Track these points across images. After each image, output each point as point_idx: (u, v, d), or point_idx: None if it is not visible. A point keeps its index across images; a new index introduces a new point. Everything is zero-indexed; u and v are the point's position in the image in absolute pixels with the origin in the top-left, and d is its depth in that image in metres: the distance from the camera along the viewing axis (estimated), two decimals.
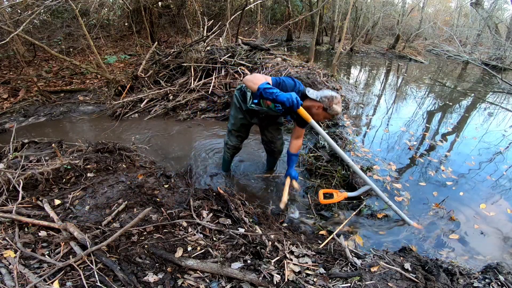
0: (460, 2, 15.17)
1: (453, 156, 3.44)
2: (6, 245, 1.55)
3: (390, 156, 3.37)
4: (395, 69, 9.22)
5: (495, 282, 1.62)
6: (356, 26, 12.52)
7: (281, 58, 5.27)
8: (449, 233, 2.23)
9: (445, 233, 2.23)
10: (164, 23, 9.57)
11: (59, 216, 1.83)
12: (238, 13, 6.81)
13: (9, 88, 4.93)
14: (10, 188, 2.04)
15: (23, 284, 1.31)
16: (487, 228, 2.31)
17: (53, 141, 2.97)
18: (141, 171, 2.53)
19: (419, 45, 12.39)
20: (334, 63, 6.66)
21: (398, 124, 4.30)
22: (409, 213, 2.43)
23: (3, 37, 4.15)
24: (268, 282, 1.43)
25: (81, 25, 4.59)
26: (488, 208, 2.55)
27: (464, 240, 2.19)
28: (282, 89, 1.92)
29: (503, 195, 2.75)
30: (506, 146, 3.77)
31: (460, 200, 2.64)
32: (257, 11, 12.69)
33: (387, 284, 1.49)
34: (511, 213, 2.52)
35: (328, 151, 3.29)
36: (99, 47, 7.97)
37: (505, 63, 8.42)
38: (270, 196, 2.62)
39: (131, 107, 4.46)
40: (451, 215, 2.39)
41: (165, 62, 5.24)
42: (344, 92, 5.00)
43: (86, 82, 5.62)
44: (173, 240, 1.67)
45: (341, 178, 2.74)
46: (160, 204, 2.03)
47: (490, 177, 3.03)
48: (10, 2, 5.52)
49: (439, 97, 6.03)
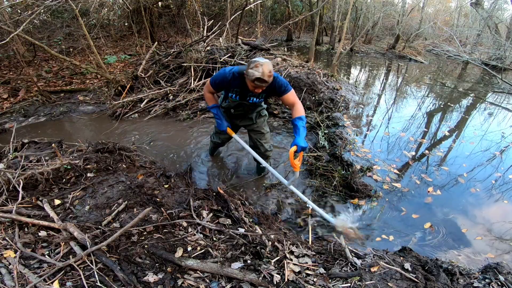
0: (460, 2, 15.17)
1: (453, 156, 3.44)
2: (6, 245, 1.55)
3: (390, 157, 3.37)
4: (395, 69, 9.22)
5: (495, 282, 1.62)
6: (356, 26, 12.51)
7: (281, 58, 5.27)
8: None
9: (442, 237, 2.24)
10: (164, 23, 9.57)
11: (59, 216, 1.83)
12: (238, 13, 6.81)
13: (9, 88, 4.93)
14: (10, 188, 2.04)
15: (23, 284, 1.31)
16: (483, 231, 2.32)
17: (53, 141, 2.97)
18: (141, 171, 2.53)
19: (419, 45, 12.38)
20: (334, 63, 6.66)
21: (398, 125, 4.30)
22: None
23: (3, 37, 4.15)
24: (268, 282, 1.43)
25: (81, 25, 4.58)
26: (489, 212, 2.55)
27: (463, 240, 2.20)
28: (219, 85, 2.10)
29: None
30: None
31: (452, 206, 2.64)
32: (257, 11, 12.69)
33: (387, 284, 1.49)
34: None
35: (328, 151, 3.29)
36: (99, 47, 7.97)
37: (505, 63, 8.41)
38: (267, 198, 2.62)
39: (131, 107, 4.46)
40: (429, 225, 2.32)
41: (165, 62, 5.24)
42: (344, 92, 5.00)
43: (86, 82, 5.62)
44: (173, 240, 1.67)
45: (341, 178, 2.74)
46: (160, 204, 2.02)
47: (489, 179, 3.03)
48: (10, 2, 5.51)
49: (439, 97, 6.03)
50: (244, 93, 2.10)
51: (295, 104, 2.05)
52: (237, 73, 2.01)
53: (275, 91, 2.03)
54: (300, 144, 1.90)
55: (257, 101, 2.19)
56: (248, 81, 1.88)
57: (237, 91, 2.11)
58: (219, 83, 2.09)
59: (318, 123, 3.93)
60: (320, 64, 7.37)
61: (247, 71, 1.84)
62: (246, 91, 2.08)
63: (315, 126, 3.90)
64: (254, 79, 1.80)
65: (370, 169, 2.97)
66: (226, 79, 2.03)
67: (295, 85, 4.52)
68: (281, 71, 4.69)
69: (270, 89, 2.02)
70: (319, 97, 4.46)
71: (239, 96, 2.14)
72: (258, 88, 1.90)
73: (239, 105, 2.24)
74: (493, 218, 2.43)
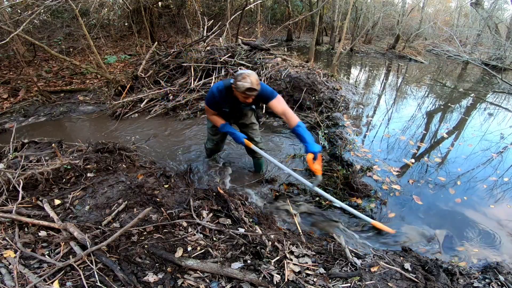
0: (460, 2, 15.16)
1: (452, 157, 3.44)
2: (6, 245, 1.55)
3: (391, 157, 3.37)
4: (395, 69, 9.22)
5: (495, 282, 1.62)
6: (356, 26, 12.51)
7: (281, 58, 5.27)
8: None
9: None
10: (164, 23, 9.57)
11: (59, 216, 1.83)
12: (238, 13, 6.81)
13: (9, 88, 4.93)
14: (10, 188, 2.04)
15: (23, 284, 1.31)
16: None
17: (53, 141, 2.97)
18: (141, 171, 2.53)
19: (419, 45, 12.37)
20: (334, 63, 6.66)
21: (398, 126, 4.29)
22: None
23: (3, 37, 4.15)
24: (268, 282, 1.43)
25: (81, 25, 4.58)
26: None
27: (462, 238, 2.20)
28: (213, 106, 2.19)
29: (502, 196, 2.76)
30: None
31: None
32: (257, 11, 12.68)
33: (387, 284, 1.49)
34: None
35: (328, 151, 3.29)
36: (99, 47, 7.97)
37: (505, 63, 8.40)
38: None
39: (131, 107, 4.46)
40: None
41: (165, 62, 5.24)
42: (344, 92, 5.00)
43: (86, 82, 5.63)
44: (173, 240, 1.67)
45: (343, 177, 2.74)
46: (160, 204, 2.02)
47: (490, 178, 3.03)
48: (10, 2, 5.51)
49: (439, 97, 6.03)
50: (236, 104, 2.18)
51: (286, 113, 2.06)
52: (222, 87, 2.10)
53: (263, 97, 2.10)
54: (314, 150, 1.92)
55: (246, 107, 2.29)
56: (238, 93, 1.97)
57: (229, 106, 2.20)
58: (212, 104, 2.20)
59: (318, 123, 3.93)
60: (320, 64, 7.37)
61: (236, 84, 1.90)
62: (237, 105, 2.16)
63: (315, 126, 3.90)
64: (245, 89, 1.88)
65: (370, 169, 2.97)
66: (215, 99, 2.13)
67: (295, 85, 4.52)
68: (281, 71, 4.68)
69: (258, 97, 2.07)
70: (319, 97, 4.46)
71: (231, 108, 2.23)
72: (249, 98, 1.98)
73: (231, 111, 2.31)
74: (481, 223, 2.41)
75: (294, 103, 4.41)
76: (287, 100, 4.48)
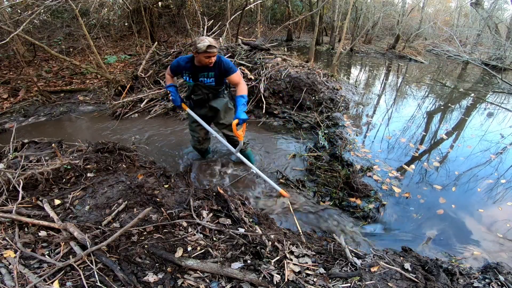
0: (460, 2, 15.17)
1: (452, 157, 3.44)
2: (6, 245, 1.55)
3: (391, 157, 3.37)
4: (395, 69, 9.22)
5: (495, 282, 1.62)
6: (356, 26, 12.51)
7: (281, 58, 5.26)
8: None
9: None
10: (164, 23, 9.57)
11: (59, 216, 1.83)
12: (238, 13, 6.82)
13: (9, 88, 4.93)
14: (10, 188, 2.04)
15: (23, 284, 1.31)
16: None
17: (53, 141, 2.97)
18: (141, 171, 2.53)
19: (419, 45, 12.37)
20: (334, 63, 6.66)
21: (398, 126, 4.29)
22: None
23: (3, 37, 4.15)
24: (268, 282, 1.43)
25: (81, 25, 4.58)
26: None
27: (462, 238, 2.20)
28: (176, 69, 2.41)
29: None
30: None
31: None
32: (257, 11, 12.68)
33: (387, 284, 1.49)
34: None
35: (328, 151, 3.29)
36: (99, 47, 7.97)
37: (505, 63, 8.41)
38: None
39: (131, 107, 4.46)
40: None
41: (165, 62, 5.24)
42: (344, 92, 5.00)
43: (86, 82, 5.62)
44: (173, 240, 1.67)
45: (344, 176, 2.74)
46: (160, 204, 2.02)
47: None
48: (10, 2, 5.51)
49: (439, 97, 6.03)
50: (195, 73, 2.36)
51: (239, 84, 2.34)
52: (187, 58, 2.36)
53: (222, 69, 2.30)
54: (241, 117, 2.21)
55: (208, 82, 2.40)
56: (200, 56, 2.13)
57: (189, 73, 2.38)
58: (174, 67, 2.42)
59: (318, 123, 3.93)
60: (320, 64, 7.37)
61: (197, 47, 2.09)
62: (197, 71, 2.34)
63: (315, 126, 3.90)
64: (206, 47, 2.07)
65: (370, 169, 2.97)
66: (179, 62, 2.37)
67: (295, 85, 4.51)
68: (281, 71, 4.68)
69: (218, 68, 2.29)
70: (319, 97, 4.46)
71: (192, 78, 2.39)
72: (211, 58, 2.16)
73: (195, 88, 2.45)
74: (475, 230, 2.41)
75: (294, 103, 4.41)
76: (287, 100, 4.49)
